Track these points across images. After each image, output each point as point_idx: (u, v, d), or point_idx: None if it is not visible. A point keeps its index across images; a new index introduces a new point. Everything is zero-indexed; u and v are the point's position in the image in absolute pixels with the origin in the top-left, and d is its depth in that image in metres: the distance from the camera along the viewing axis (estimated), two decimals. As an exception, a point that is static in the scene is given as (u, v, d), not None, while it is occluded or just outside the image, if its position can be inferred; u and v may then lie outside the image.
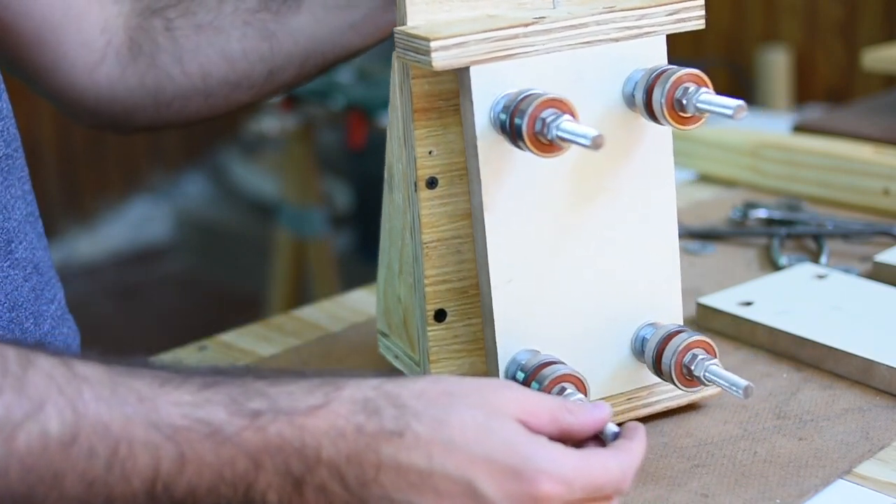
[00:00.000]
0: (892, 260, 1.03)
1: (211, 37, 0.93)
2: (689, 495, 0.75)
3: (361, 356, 0.96)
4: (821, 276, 1.01)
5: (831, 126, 1.38)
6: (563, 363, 0.77)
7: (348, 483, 0.61)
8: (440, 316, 0.80)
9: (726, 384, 0.76)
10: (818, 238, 1.13)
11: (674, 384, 0.79)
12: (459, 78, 0.76)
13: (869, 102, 1.51)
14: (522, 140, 0.72)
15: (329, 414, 0.61)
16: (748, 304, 0.96)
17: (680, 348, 0.78)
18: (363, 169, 3.06)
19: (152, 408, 0.60)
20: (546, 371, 0.76)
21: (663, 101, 0.75)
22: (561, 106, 0.72)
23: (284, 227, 2.57)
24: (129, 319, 3.22)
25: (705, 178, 1.34)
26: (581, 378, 0.75)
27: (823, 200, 1.24)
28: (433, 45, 0.73)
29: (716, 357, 0.78)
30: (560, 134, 0.71)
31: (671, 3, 0.78)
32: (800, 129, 1.40)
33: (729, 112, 0.73)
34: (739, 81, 2.80)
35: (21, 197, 0.84)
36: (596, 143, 0.68)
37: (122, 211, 3.62)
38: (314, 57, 0.92)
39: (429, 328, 0.80)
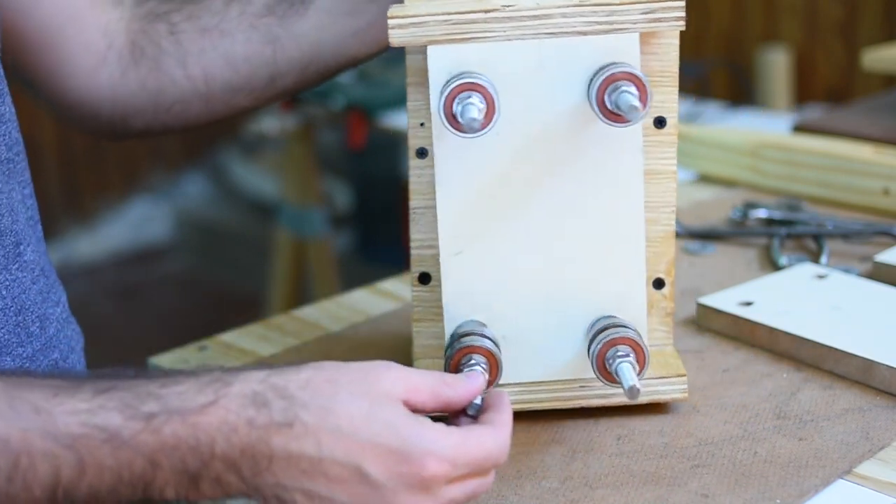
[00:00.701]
0: (892, 260, 1.03)
1: (216, 40, 0.93)
2: (689, 495, 0.75)
3: (361, 356, 0.96)
4: (821, 276, 1.01)
5: (831, 126, 1.38)
6: (486, 337, 0.78)
7: (243, 474, 0.63)
8: (424, 279, 0.84)
9: (623, 383, 0.76)
10: (818, 238, 1.13)
11: (595, 374, 0.79)
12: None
13: (869, 102, 1.51)
14: (442, 117, 0.74)
15: (220, 410, 0.63)
16: (748, 304, 0.96)
17: (606, 340, 0.78)
18: (363, 169, 3.05)
19: (49, 419, 0.61)
20: (465, 339, 0.78)
21: (595, 93, 0.76)
22: (482, 91, 0.74)
23: (284, 227, 2.57)
24: (129, 319, 3.22)
25: (705, 178, 1.34)
26: (496, 355, 0.77)
27: (823, 200, 1.24)
28: (391, 22, 0.75)
29: (642, 364, 0.78)
30: (464, 114, 0.73)
31: (647, 2, 0.76)
32: (800, 129, 1.40)
33: (624, 114, 0.74)
34: (739, 81, 2.80)
35: (21, 201, 0.84)
36: (470, 127, 0.72)
37: (122, 211, 3.62)
38: (316, 63, 0.92)
39: (413, 289, 0.84)
